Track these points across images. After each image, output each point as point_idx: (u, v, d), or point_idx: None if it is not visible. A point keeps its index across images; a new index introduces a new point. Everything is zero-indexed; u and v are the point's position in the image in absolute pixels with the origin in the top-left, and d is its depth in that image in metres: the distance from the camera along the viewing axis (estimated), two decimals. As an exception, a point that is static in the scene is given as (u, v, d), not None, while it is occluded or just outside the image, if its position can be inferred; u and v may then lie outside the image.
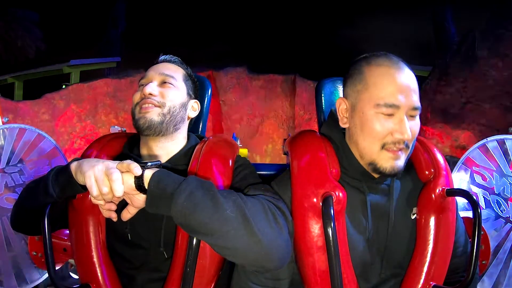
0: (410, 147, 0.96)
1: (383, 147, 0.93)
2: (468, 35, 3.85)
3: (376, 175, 0.99)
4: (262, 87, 4.74)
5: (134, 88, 4.10)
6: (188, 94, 1.15)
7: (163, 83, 1.09)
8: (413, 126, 0.94)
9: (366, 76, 0.95)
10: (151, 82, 1.08)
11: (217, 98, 4.64)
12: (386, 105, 0.91)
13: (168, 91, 1.08)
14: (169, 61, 1.17)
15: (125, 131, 2.43)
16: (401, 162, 0.94)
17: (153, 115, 1.05)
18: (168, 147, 1.09)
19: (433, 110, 3.81)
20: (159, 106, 1.06)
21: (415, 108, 0.93)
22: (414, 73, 0.96)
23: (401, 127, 0.91)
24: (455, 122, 3.59)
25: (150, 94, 1.06)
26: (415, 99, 0.93)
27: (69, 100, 3.84)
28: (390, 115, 0.92)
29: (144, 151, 1.10)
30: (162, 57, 1.18)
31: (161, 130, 1.05)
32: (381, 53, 0.98)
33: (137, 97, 1.09)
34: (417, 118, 0.96)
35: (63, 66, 6.35)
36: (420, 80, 1.00)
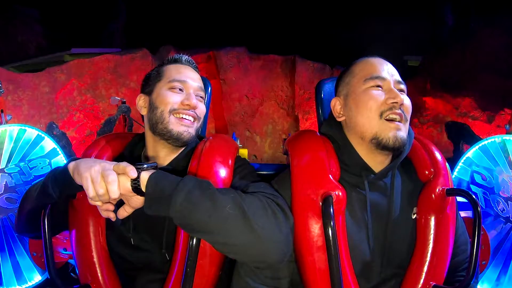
0: (408, 119, 1.00)
1: (381, 116, 0.96)
2: (464, 7, 3.90)
3: (376, 168, 1.00)
4: (262, 68, 4.75)
5: (135, 64, 4.06)
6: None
7: (197, 97, 1.09)
8: (404, 99, 0.98)
9: (352, 69, 1.06)
10: (191, 91, 1.07)
11: (218, 77, 4.62)
12: (373, 77, 0.99)
13: (201, 105, 1.09)
14: (192, 65, 1.15)
15: (125, 102, 2.47)
16: (403, 133, 0.97)
17: (193, 130, 1.06)
18: (172, 151, 1.09)
19: (433, 81, 3.90)
20: (197, 121, 1.08)
21: (400, 82, 1.00)
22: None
23: (391, 93, 0.97)
24: (454, 90, 3.65)
25: (195, 107, 1.06)
26: (398, 76, 1.02)
27: (70, 74, 3.84)
28: (379, 86, 0.99)
29: (148, 153, 1.10)
30: (185, 57, 1.15)
31: (188, 142, 1.07)
32: None
33: (176, 101, 1.05)
34: (407, 96, 1.01)
35: (64, 54, 6.33)
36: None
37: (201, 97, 1.11)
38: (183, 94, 1.06)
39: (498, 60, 3.50)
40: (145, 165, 0.84)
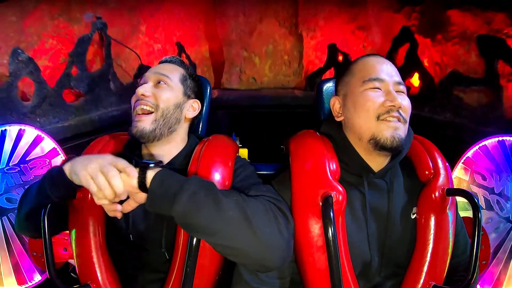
0: (407, 120, 0.98)
1: (378, 118, 0.95)
2: None
3: (375, 168, 1.00)
4: (259, -17, 4.19)
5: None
6: (186, 94, 1.12)
7: (157, 84, 1.08)
8: (403, 100, 0.97)
9: (352, 68, 1.05)
10: (146, 83, 1.08)
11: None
12: (371, 79, 0.98)
13: (161, 91, 1.06)
14: (168, 62, 1.17)
15: (100, 17, 2.46)
16: (400, 132, 0.95)
17: (146, 124, 1.03)
18: (166, 149, 1.09)
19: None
20: (153, 111, 1.04)
21: (399, 83, 0.99)
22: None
23: (390, 96, 0.95)
24: (485, 3, 2.85)
25: (143, 95, 1.04)
26: (398, 77, 1.00)
27: (39, -1, 3.39)
28: (378, 88, 0.98)
29: (144, 151, 1.10)
30: (164, 59, 1.19)
31: (155, 136, 1.04)
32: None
33: (133, 99, 1.08)
34: (407, 97, 1.00)
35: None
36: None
37: (163, 82, 1.08)
38: None
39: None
40: (152, 163, 0.84)
